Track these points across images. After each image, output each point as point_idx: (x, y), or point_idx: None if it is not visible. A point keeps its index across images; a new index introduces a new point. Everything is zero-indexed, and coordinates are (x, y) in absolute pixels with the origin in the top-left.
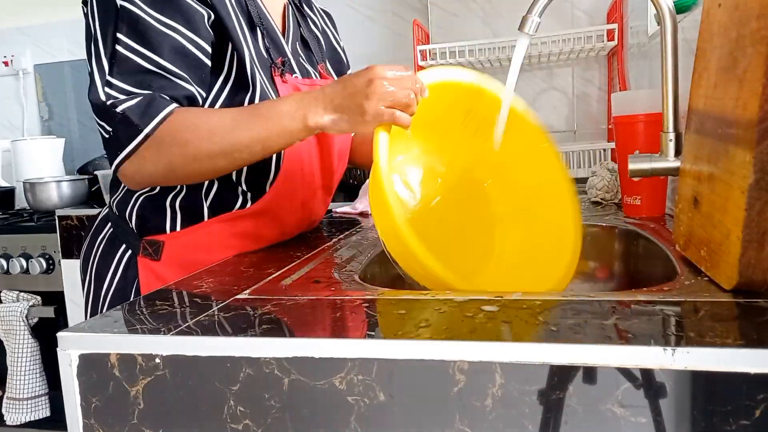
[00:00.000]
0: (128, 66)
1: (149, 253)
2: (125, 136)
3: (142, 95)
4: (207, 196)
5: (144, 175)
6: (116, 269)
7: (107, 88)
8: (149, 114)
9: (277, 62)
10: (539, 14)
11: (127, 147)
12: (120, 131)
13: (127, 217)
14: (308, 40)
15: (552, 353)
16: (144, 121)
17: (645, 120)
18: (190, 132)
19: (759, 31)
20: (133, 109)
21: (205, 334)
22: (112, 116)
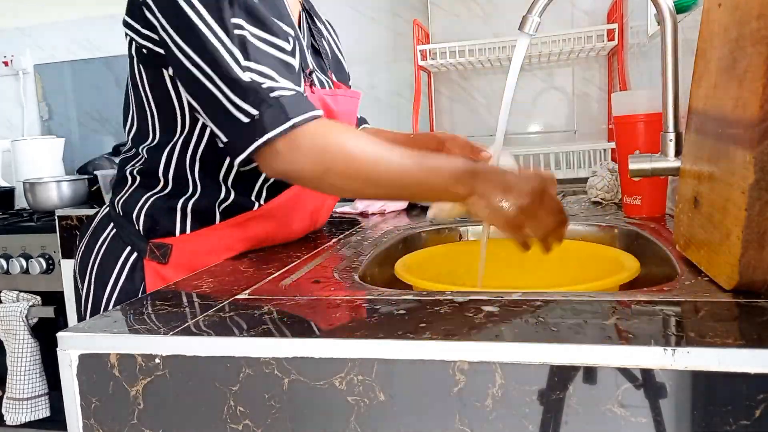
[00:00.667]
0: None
1: (156, 256)
2: (270, 121)
3: (294, 91)
4: (221, 204)
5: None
6: (121, 272)
7: (248, 72)
8: (300, 107)
9: (306, 72)
10: (539, 14)
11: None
12: (266, 116)
13: (134, 218)
14: (319, 48)
15: (552, 353)
16: (295, 112)
17: (645, 120)
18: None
19: (759, 31)
20: (288, 99)
21: (205, 335)
22: (262, 101)
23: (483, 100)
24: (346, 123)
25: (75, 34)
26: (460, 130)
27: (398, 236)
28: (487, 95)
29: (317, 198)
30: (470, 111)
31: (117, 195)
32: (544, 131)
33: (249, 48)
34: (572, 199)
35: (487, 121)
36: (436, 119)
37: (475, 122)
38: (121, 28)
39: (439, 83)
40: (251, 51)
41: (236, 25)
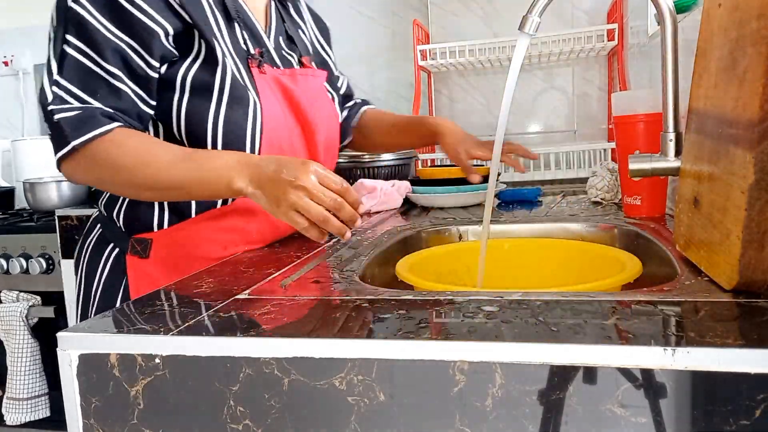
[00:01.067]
0: (74, 66)
1: (138, 252)
2: (57, 143)
3: (82, 108)
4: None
5: (78, 179)
6: (104, 268)
7: (54, 87)
8: (81, 130)
9: (254, 53)
10: (539, 14)
11: (58, 152)
12: (54, 136)
13: (115, 216)
14: (292, 35)
15: (552, 353)
16: (74, 135)
17: (645, 120)
18: (128, 158)
19: (759, 31)
20: (69, 120)
21: (205, 335)
22: (49, 120)
23: (483, 100)
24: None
25: None
26: None
27: (398, 236)
28: (487, 95)
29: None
30: (470, 111)
31: (100, 196)
32: (544, 131)
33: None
34: (572, 199)
35: (487, 121)
36: None
37: (475, 122)
38: None
39: (439, 83)
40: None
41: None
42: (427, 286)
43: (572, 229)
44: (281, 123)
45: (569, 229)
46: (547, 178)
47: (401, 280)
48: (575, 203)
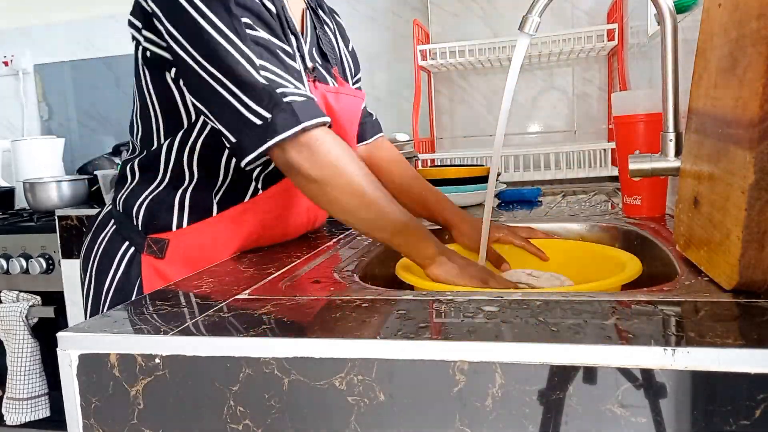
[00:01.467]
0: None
1: (153, 251)
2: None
3: (308, 96)
4: (217, 193)
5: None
6: (118, 267)
7: (263, 71)
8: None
9: (309, 68)
10: (539, 14)
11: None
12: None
13: (134, 214)
14: (323, 45)
15: (552, 353)
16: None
17: (645, 120)
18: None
19: (759, 31)
20: (299, 104)
21: (205, 334)
22: (276, 103)
23: (483, 100)
24: (347, 121)
25: (75, 34)
26: (459, 130)
27: None
28: (487, 95)
29: None
30: (470, 111)
31: (118, 192)
32: (544, 131)
33: (262, 48)
34: (572, 199)
35: (487, 121)
36: (436, 119)
37: (475, 122)
38: (121, 28)
39: (439, 83)
40: (264, 52)
41: (247, 24)
42: (426, 285)
43: (572, 229)
44: None
45: (569, 229)
46: (547, 178)
47: (401, 280)
48: (575, 203)
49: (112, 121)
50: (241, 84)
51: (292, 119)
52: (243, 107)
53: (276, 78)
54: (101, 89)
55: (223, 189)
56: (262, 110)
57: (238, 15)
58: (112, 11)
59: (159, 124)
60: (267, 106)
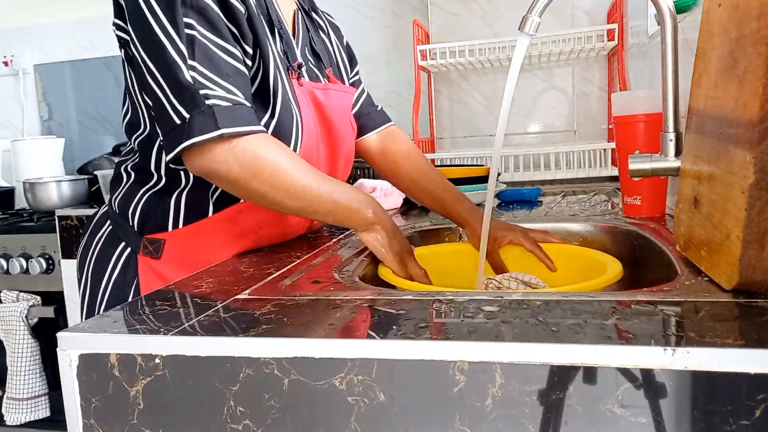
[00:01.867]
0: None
1: (150, 252)
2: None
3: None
4: (214, 192)
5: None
6: (114, 267)
7: (191, 71)
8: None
9: (294, 65)
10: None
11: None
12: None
13: (130, 214)
14: (316, 45)
15: (552, 353)
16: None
17: (645, 120)
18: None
19: (759, 31)
20: (221, 109)
21: (205, 335)
22: (196, 104)
23: (483, 100)
24: (337, 116)
25: (75, 34)
26: (460, 130)
27: None
28: (487, 95)
29: None
30: (470, 111)
31: (114, 193)
32: (544, 131)
33: (197, 48)
34: (572, 199)
35: (487, 121)
36: (436, 119)
37: (475, 122)
38: None
39: (439, 83)
40: (198, 52)
41: (187, 24)
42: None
43: (572, 229)
44: (313, 137)
45: (569, 229)
46: (547, 178)
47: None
48: (575, 203)
49: (112, 121)
50: (169, 80)
51: (211, 123)
52: (168, 105)
53: (203, 80)
54: (101, 89)
55: (219, 189)
56: (183, 110)
57: (182, 12)
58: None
59: (148, 123)
60: (188, 106)
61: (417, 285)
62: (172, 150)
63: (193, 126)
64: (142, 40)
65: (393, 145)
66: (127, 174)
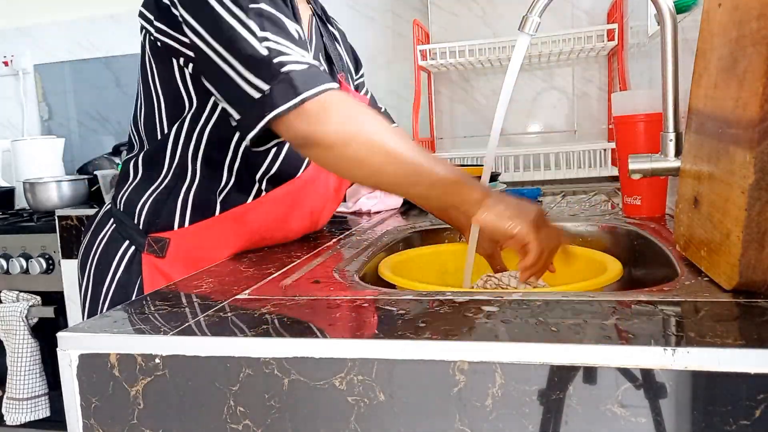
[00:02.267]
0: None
1: (154, 250)
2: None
3: (310, 63)
4: (221, 192)
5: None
6: (118, 266)
7: (265, 42)
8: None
9: None
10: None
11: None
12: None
13: (136, 213)
14: (330, 51)
15: (552, 353)
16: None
17: (645, 120)
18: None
19: (759, 31)
20: (298, 73)
21: (205, 335)
22: (273, 74)
23: (483, 100)
24: None
25: (75, 34)
26: (460, 130)
27: (398, 236)
28: (487, 95)
29: (318, 198)
30: (470, 111)
31: (120, 191)
32: (544, 131)
33: (265, 20)
34: (572, 199)
35: (487, 121)
36: (436, 119)
37: (475, 122)
38: (121, 28)
39: (439, 83)
40: (267, 23)
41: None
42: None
43: (572, 229)
44: None
45: (569, 229)
46: (547, 178)
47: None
48: (575, 203)
49: (112, 121)
50: (243, 57)
51: (290, 90)
52: (243, 81)
53: (278, 46)
54: (101, 89)
55: (226, 189)
56: (261, 82)
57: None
58: (112, 11)
59: (163, 116)
60: (266, 77)
61: (417, 285)
62: (255, 126)
63: (274, 97)
64: (203, 23)
65: None
66: (135, 171)
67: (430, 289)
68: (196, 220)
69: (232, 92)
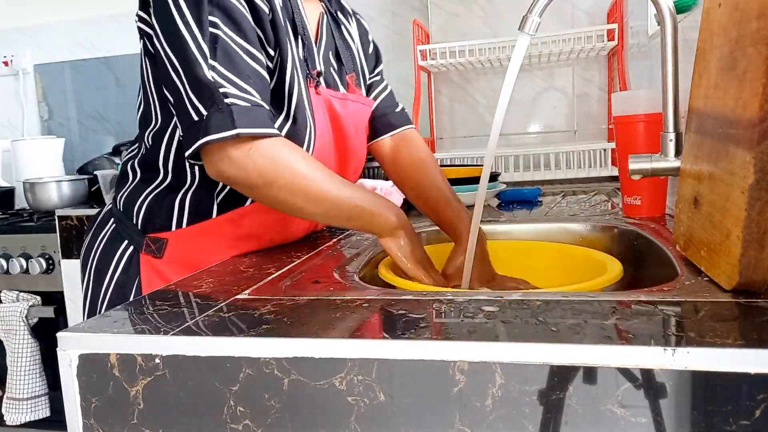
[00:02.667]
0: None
1: (152, 251)
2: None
3: (255, 103)
4: (219, 194)
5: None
6: (117, 266)
7: (212, 71)
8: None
9: (312, 73)
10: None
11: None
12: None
13: (134, 213)
14: (341, 50)
15: (552, 353)
16: (242, 123)
17: (645, 120)
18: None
19: (759, 31)
20: (239, 109)
21: (204, 334)
22: (214, 101)
23: (483, 100)
24: (352, 127)
25: (75, 34)
26: (460, 130)
27: None
28: (487, 95)
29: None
30: (470, 111)
31: (119, 191)
32: (544, 131)
33: (218, 48)
34: (572, 199)
35: (487, 121)
36: (436, 119)
37: (475, 122)
38: (121, 28)
39: (439, 83)
40: (219, 51)
41: (212, 23)
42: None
43: (572, 229)
44: (326, 146)
45: (569, 229)
46: (547, 178)
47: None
48: (575, 203)
49: (112, 121)
50: (189, 77)
51: (228, 122)
52: (188, 101)
53: (222, 80)
54: (101, 89)
55: (224, 192)
56: (201, 107)
57: (207, 11)
58: (112, 11)
59: (159, 119)
60: (206, 103)
61: (417, 285)
62: (190, 146)
63: (210, 123)
64: (166, 34)
65: (405, 151)
66: (133, 172)
67: (430, 289)
68: (193, 222)
69: (178, 107)
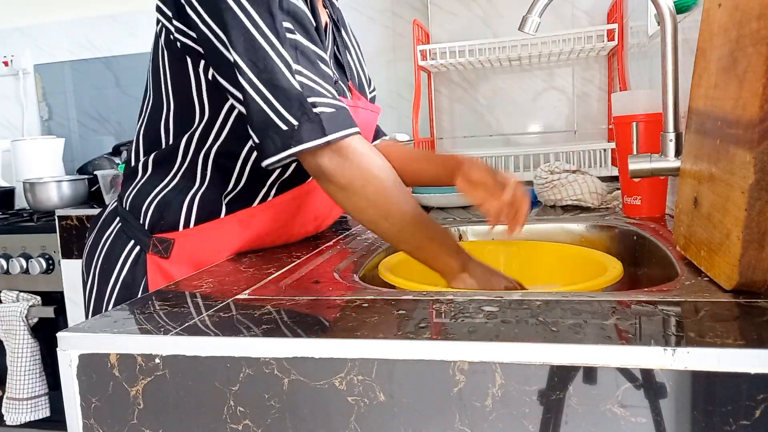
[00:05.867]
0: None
1: (159, 251)
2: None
3: (338, 106)
4: (227, 195)
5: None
6: (123, 265)
7: (299, 76)
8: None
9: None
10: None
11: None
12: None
13: (142, 212)
14: (341, 58)
15: (552, 353)
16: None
17: (645, 120)
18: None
19: (759, 31)
20: (328, 115)
21: (204, 334)
22: (304, 112)
23: (483, 100)
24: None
25: (75, 34)
26: (460, 130)
27: None
28: (487, 95)
29: (324, 203)
30: (470, 111)
31: (125, 190)
32: (544, 131)
33: (299, 53)
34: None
35: (487, 121)
36: (436, 119)
37: (475, 122)
38: (121, 28)
39: (439, 83)
40: (302, 57)
41: (287, 29)
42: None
43: (572, 229)
44: None
45: (569, 229)
46: None
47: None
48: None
49: (112, 121)
50: (274, 87)
51: (319, 131)
52: (271, 110)
53: (310, 83)
54: (101, 89)
55: (234, 193)
56: (290, 117)
57: (281, 18)
58: (112, 11)
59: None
60: (296, 113)
61: (417, 285)
62: (276, 154)
63: (302, 133)
64: (237, 42)
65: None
66: (144, 170)
67: (430, 289)
68: (201, 222)
69: (255, 116)
